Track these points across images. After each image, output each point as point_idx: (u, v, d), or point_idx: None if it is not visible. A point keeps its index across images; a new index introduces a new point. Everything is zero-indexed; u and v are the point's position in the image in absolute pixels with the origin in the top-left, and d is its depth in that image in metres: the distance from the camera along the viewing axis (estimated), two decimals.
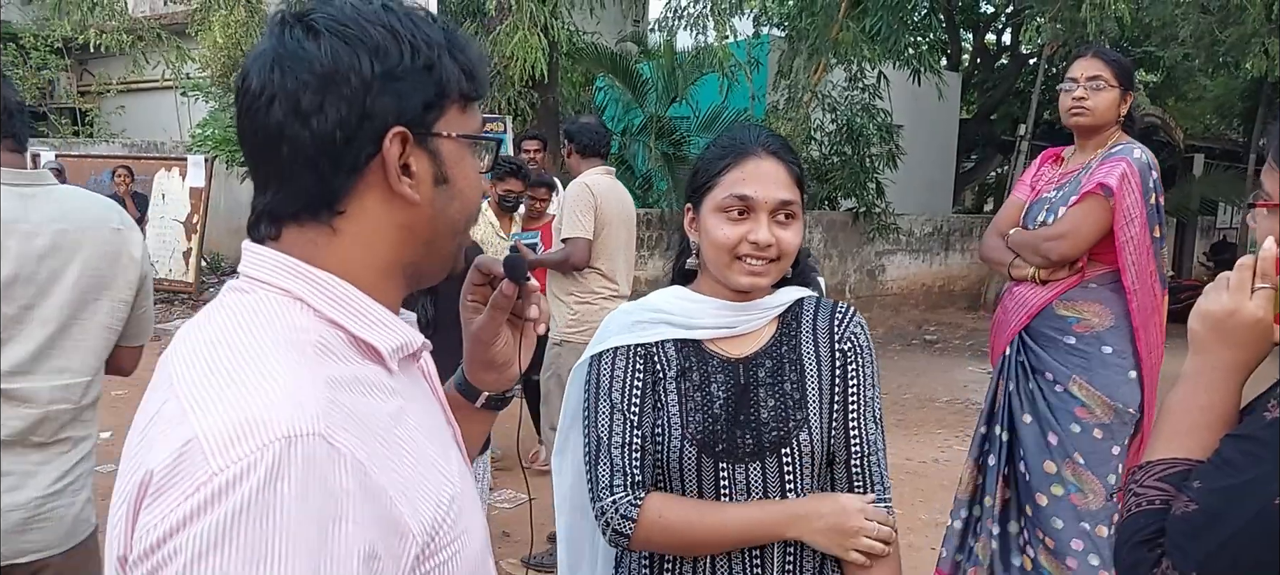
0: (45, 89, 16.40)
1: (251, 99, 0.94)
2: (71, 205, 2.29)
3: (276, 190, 0.97)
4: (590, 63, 12.10)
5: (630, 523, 1.66)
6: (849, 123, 12.42)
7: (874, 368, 1.79)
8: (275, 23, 0.97)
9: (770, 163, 1.69)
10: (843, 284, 13.37)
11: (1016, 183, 3.67)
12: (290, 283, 0.95)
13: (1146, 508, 1.22)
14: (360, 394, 0.91)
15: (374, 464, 0.86)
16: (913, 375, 9.53)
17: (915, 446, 6.89)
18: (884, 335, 11.99)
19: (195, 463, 0.78)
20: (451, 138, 1.00)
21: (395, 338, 0.99)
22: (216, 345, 0.89)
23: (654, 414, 1.71)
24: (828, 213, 13.28)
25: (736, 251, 1.68)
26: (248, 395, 0.82)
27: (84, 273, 2.26)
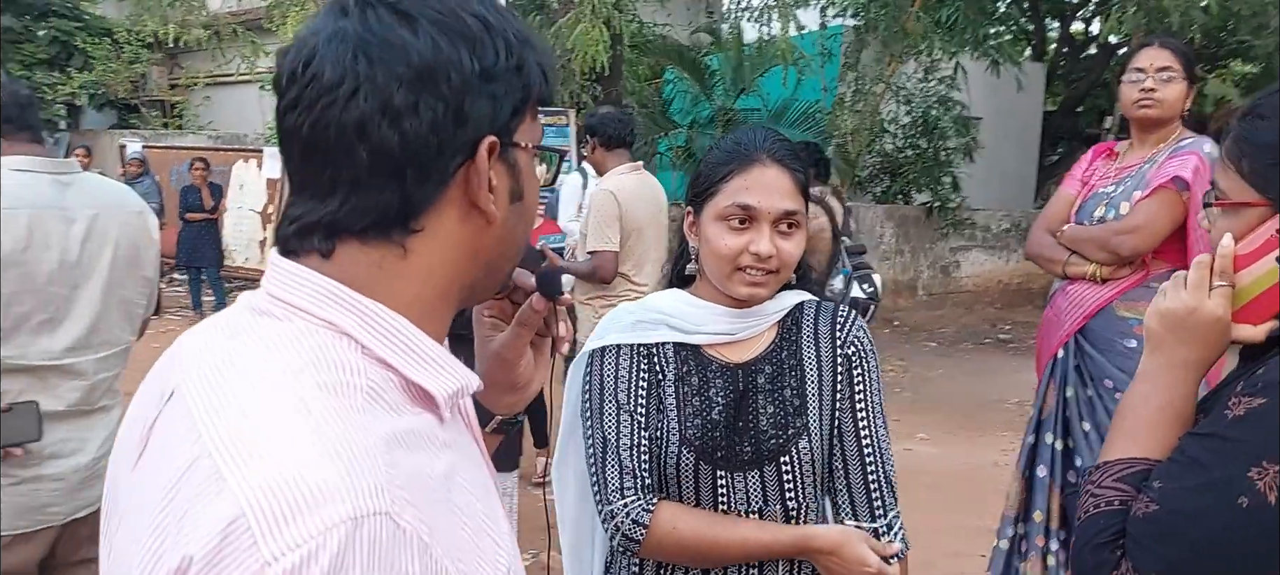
0: (137, 82, 16.96)
1: (323, 89, 0.79)
2: (100, 191, 2.50)
3: (343, 200, 0.81)
4: (657, 54, 12.04)
5: (641, 529, 1.62)
6: (924, 115, 12.16)
7: (878, 372, 1.75)
8: (353, 2, 0.82)
9: (775, 171, 1.64)
10: (915, 280, 13.11)
11: (1065, 177, 3.51)
12: (336, 314, 0.80)
13: (1105, 508, 1.19)
14: (416, 452, 0.78)
15: (435, 540, 0.74)
16: (982, 376, 9.30)
17: (976, 450, 6.71)
18: (955, 333, 11.73)
19: (243, 547, 0.65)
20: (527, 148, 0.89)
21: (452, 381, 0.86)
22: (253, 388, 0.75)
23: (657, 416, 1.68)
24: (900, 207, 13.04)
25: (737, 262, 1.63)
26: (299, 458, 0.69)
27: (117, 254, 2.47)
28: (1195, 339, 1.24)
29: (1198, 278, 1.24)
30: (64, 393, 2.38)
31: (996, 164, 13.96)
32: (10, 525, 2.33)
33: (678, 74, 12.40)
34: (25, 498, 2.34)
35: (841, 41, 12.12)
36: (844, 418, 1.69)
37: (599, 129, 4.64)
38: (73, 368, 2.40)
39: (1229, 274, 1.22)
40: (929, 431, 7.21)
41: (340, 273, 0.83)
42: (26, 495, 2.35)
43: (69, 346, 2.38)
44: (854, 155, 10.99)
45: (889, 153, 12.97)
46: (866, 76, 10.69)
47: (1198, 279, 1.24)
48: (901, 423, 7.40)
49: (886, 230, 12.72)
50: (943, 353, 10.61)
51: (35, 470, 2.35)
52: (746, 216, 1.63)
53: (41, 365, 2.34)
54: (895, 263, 12.85)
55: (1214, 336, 1.23)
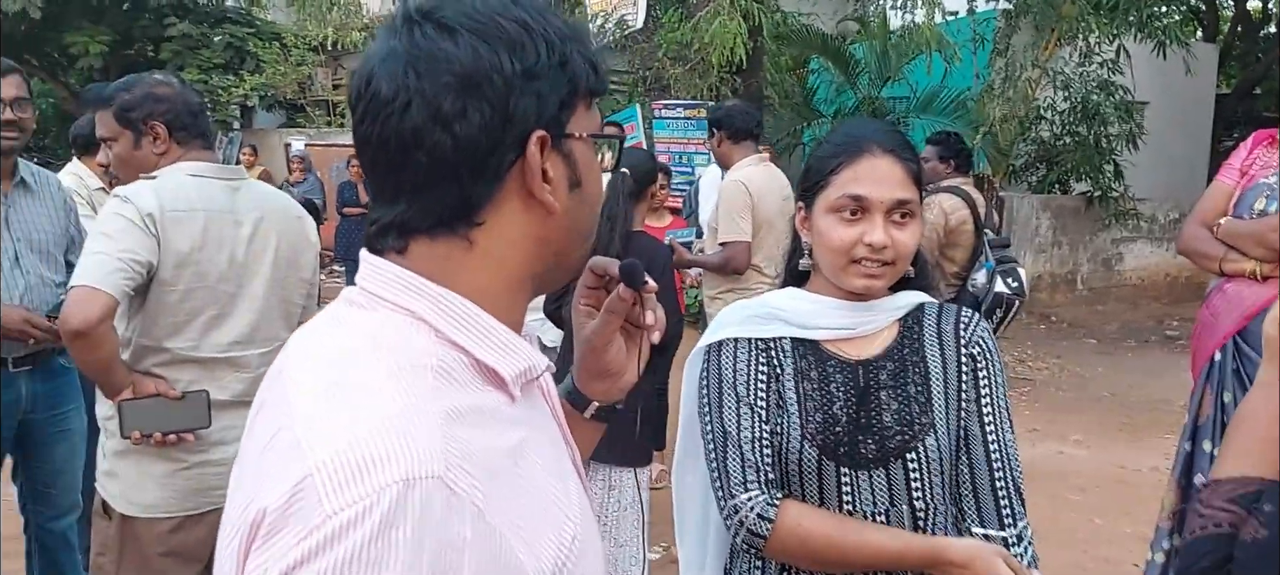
0: (304, 84, 17.81)
1: (382, 105, 0.87)
2: (263, 196, 2.66)
3: (410, 202, 0.89)
4: (799, 45, 11.89)
5: (767, 524, 1.58)
6: (1083, 101, 11.62)
7: (1003, 374, 1.69)
8: (400, 21, 0.90)
9: (886, 160, 1.61)
10: (1073, 273, 12.55)
11: (1223, 167, 3.29)
12: (412, 301, 0.88)
13: (1213, 531, 1.10)
14: (480, 427, 0.84)
15: (492, 507, 0.80)
16: (1146, 375, 8.84)
17: (1134, 453, 6.39)
18: (1118, 330, 11.19)
19: (309, 503, 0.74)
20: (583, 138, 0.94)
21: (519, 362, 0.92)
22: (334, 368, 0.84)
23: (777, 410, 1.65)
24: (1057, 197, 12.50)
25: (851, 254, 1.61)
26: (365, 429, 0.77)
27: (279, 255, 2.62)
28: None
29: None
30: (229, 384, 2.52)
31: (1163, 151, 13.21)
32: (182, 507, 2.49)
33: (822, 64, 12.23)
34: (194, 481, 2.50)
35: (994, 27, 11.71)
36: (970, 420, 1.64)
37: (726, 122, 4.61)
38: (238, 361, 2.54)
39: None
40: (1084, 433, 6.91)
41: (415, 265, 0.90)
42: (195, 479, 2.50)
43: (235, 341, 2.52)
44: (1005, 144, 10.58)
45: (1045, 141, 12.43)
46: (1017, 62, 10.26)
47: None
48: (1055, 423, 7.12)
49: (1042, 221, 12.22)
50: (1102, 350, 10.14)
51: (203, 456, 2.50)
52: (858, 207, 1.60)
53: (210, 358, 2.50)
54: (1052, 255, 12.34)
55: None
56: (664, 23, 9.41)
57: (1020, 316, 10.69)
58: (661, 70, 9.47)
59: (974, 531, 1.62)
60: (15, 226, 3.08)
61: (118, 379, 2.39)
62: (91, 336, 2.26)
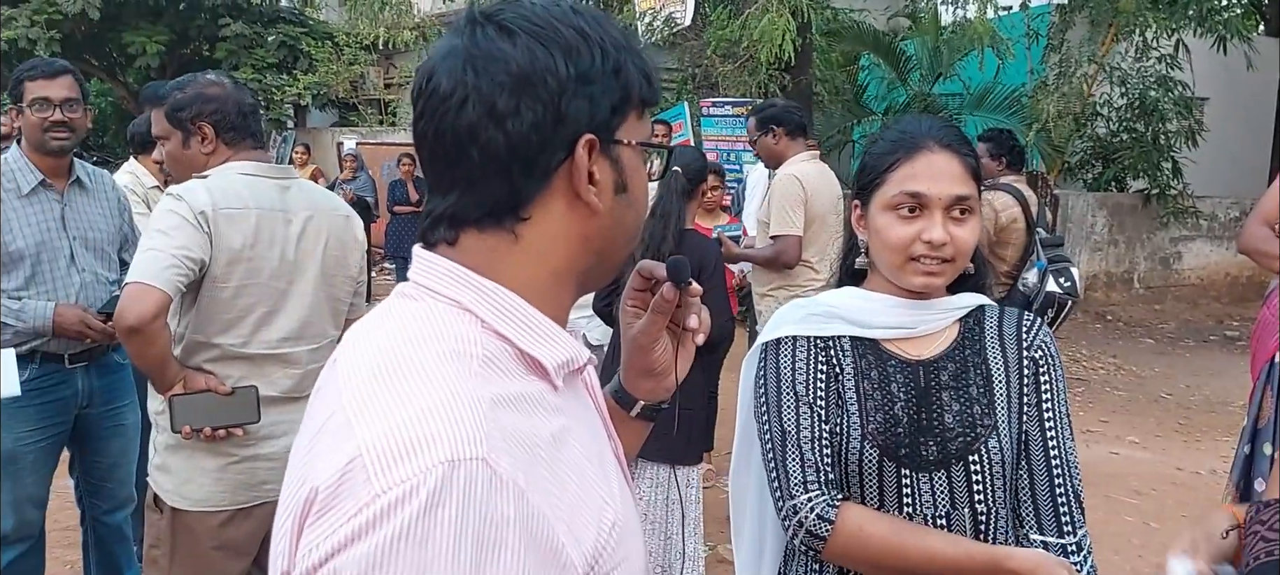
0: (356, 83, 18.00)
1: (440, 100, 0.91)
2: (312, 196, 2.69)
3: (461, 194, 0.93)
4: (849, 41, 11.78)
5: (827, 525, 1.55)
6: (1141, 97, 11.40)
7: (1064, 380, 1.66)
8: (464, 22, 0.94)
9: (943, 156, 1.58)
10: (1130, 272, 12.31)
11: None
12: (459, 293, 0.92)
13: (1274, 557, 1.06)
14: (524, 413, 0.87)
15: (535, 489, 0.82)
16: (1206, 375, 8.66)
17: (1192, 455, 6.25)
18: (1176, 329, 10.96)
19: (358, 482, 0.78)
20: (632, 145, 0.97)
21: (561, 353, 0.95)
22: (384, 355, 0.88)
23: (837, 409, 1.62)
24: (1114, 194, 12.27)
25: (910, 252, 1.58)
26: (412, 412, 0.81)
27: (328, 253, 2.64)
28: None
29: None
30: (278, 380, 2.56)
31: (1224, 148, 12.90)
32: (232, 500, 2.53)
33: (873, 60, 12.11)
34: (243, 475, 2.53)
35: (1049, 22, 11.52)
36: (1030, 425, 1.61)
37: (783, 118, 4.60)
38: (287, 357, 2.57)
39: None
40: (1141, 434, 6.78)
41: (463, 258, 0.94)
42: (244, 473, 2.53)
43: (284, 337, 2.56)
44: (1060, 141, 10.40)
45: (1102, 137, 12.22)
46: (1071, 58, 10.08)
47: None
48: (1110, 423, 6.99)
49: (1098, 219, 12.01)
50: (1160, 350, 9.94)
51: (252, 450, 2.53)
52: (916, 204, 1.57)
53: (259, 354, 2.53)
54: (1108, 254, 12.12)
55: None
56: (712, 20, 9.38)
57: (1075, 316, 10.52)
58: (710, 68, 9.44)
59: (1032, 539, 1.58)
60: (71, 225, 3.13)
61: (170, 374, 2.42)
62: (145, 332, 2.29)
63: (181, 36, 17.63)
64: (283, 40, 17.84)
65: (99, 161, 3.73)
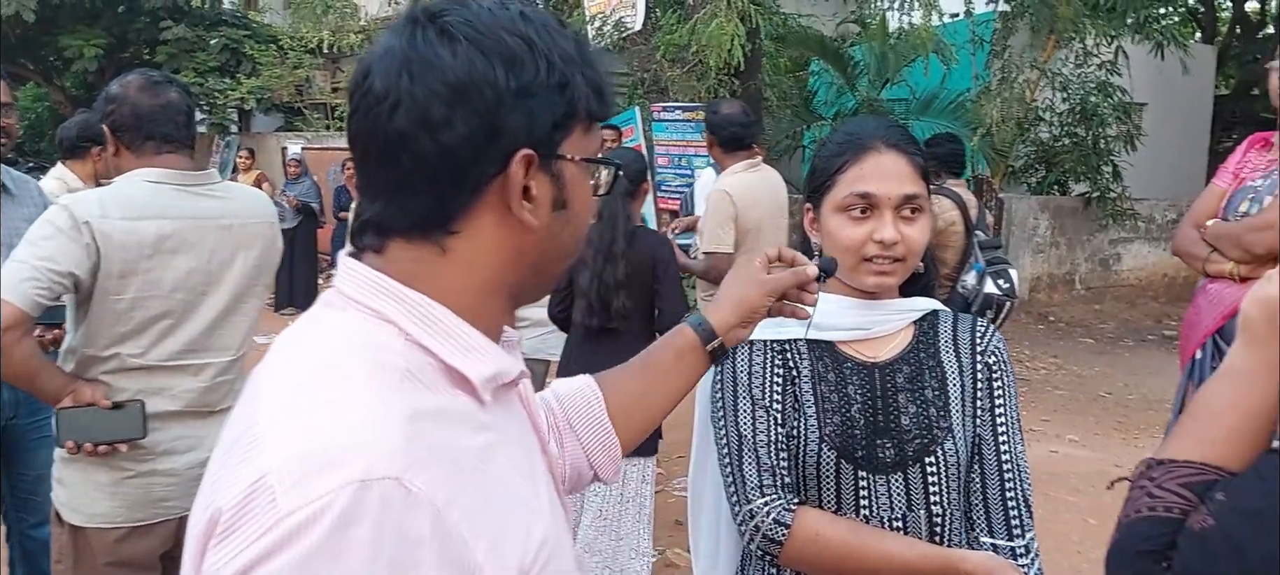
0: (301, 87, 17.78)
1: (374, 101, 0.87)
2: (231, 202, 2.56)
3: (389, 202, 0.90)
4: (798, 47, 11.87)
5: (784, 529, 1.54)
6: (1082, 102, 11.61)
7: (1015, 387, 1.68)
8: (405, 22, 0.90)
9: (892, 156, 1.59)
10: (1072, 274, 12.53)
11: (1218, 170, 3.32)
12: (382, 303, 0.89)
13: (1163, 514, 1.02)
14: (446, 428, 0.84)
15: (454, 508, 0.80)
16: (1144, 374, 8.83)
17: (1130, 452, 6.36)
18: (1115, 330, 11.17)
19: (264, 503, 0.74)
20: (575, 161, 0.94)
21: (489, 366, 0.91)
22: (301, 368, 0.86)
23: (794, 412, 1.62)
24: (1056, 198, 12.48)
25: (862, 252, 1.59)
26: (325, 429, 0.78)
27: (247, 262, 2.54)
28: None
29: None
30: (179, 393, 2.45)
31: (1162, 152, 13.20)
32: (129, 517, 2.42)
33: (822, 66, 12.21)
34: (139, 491, 2.42)
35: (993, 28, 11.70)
36: (984, 430, 1.62)
37: (718, 130, 4.48)
38: (190, 368, 2.46)
39: None
40: (1081, 432, 6.89)
41: (390, 267, 0.91)
42: (141, 489, 2.43)
43: (187, 348, 2.45)
44: (1003, 146, 10.57)
45: (1044, 142, 12.44)
46: (1014, 64, 10.25)
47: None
48: (1051, 422, 7.10)
49: (1041, 222, 12.21)
50: (1100, 349, 10.12)
51: (149, 465, 2.43)
52: (866, 205, 1.58)
53: (159, 365, 2.42)
54: (1050, 255, 12.32)
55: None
56: (662, 25, 9.39)
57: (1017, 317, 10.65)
58: (660, 72, 9.44)
59: (983, 542, 1.60)
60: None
61: (49, 387, 2.31)
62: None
63: (120, 40, 17.30)
64: (225, 44, 17.58)
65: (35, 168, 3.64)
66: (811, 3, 12.11)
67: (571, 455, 1.32)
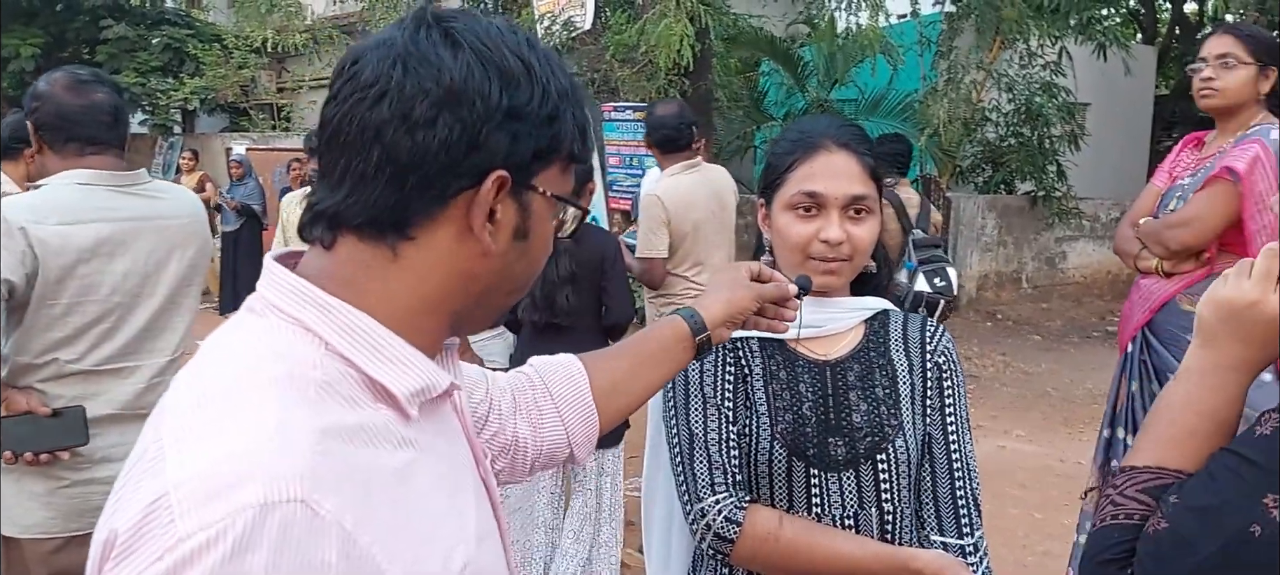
0: (246, 87, 17.52)
1: (358, 88, 0.85)
2: (161, 202, 2.52)
3: (350, 192, 0.86)
4: (748, 47, 11.91)
5: (735, 527, 1.54)
6: (1027, 102, 11.78)
7: (965, 387, 1.70)
8: (412, 20, 0.88)
9: (841, 156, 1.59)
10: (1018, 272, 12.71)
11: (1157, 169, 3.43)
12: (302, 311, 0.85)
13: (1124, 521, 1.06)
14: (362, 445, 0.81)
15: (364, 530, 0.76)
16: (1089, 370, 8.98)
17: (1074, 447, 6.47)
18: (1062, 326, 11.34)
19: (161, 524, 0.71)
20: (546, 195, 0.92)
21: (414, 380, 0.88)
22: (211, 380, 0.82)
23: (745, 411, 1.62)
24: (1003, 197, 12.65)
25: (809, 250, 1.59)
26: (229, 447, 0.74)
27: (182, 262, 2.50)
28: (1252, 336, 1.07)
29: (1266, 268, 1.08)
30: (116, 396, 2.41)
31: (1105, 151, 13.44)
32: (65, 527, 2.37)
33: (772, 66, 12.26)
34: (76, 500, 2.37)
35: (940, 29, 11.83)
36: (934, 429, 1.64)
37: (651, 132, 4.40)
38: (126, 370, 2.43)
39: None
40: (1027, 428, 6.99)
41: (334, 266, 0.88)
42: (77, 498, 2.37)
43: (124, 351, 2.41)
44: (950, 146, 10.69)
45: (991, 142, 12.60)
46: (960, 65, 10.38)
47: (1265, 269, 1.08)
48: (998, 419, 7.19)
49: (988, 221, 12.36)
50: (1047, 347, 10.28)
51: (86, 474, 2.38)
52: (814, 203, 1.58)
53: (94, 370, 2.37)
54: (997, 254, 12.49)
55: (1268, 337, 1.07)
56: (611, 25, 9.37)
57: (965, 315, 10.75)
58: (610, 72, 9.41)
59: (933, 540, 1.61)
60: None
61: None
62: None
63: (59, 39, 16.93)
64: (168, 43, 17.29)
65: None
66: (761, 4, 12.16)
67: (550, 434, 1.31)
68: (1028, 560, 4.64)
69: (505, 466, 1.29)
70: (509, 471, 1.30)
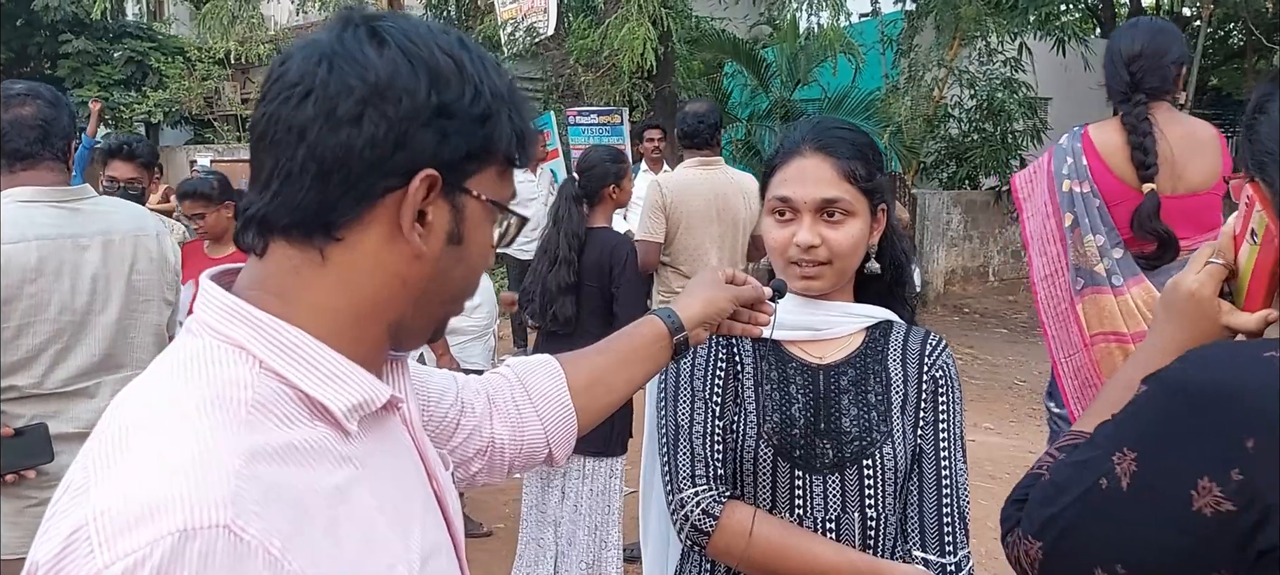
0: (211, 98, 17.39)
1: (283, 86, 0.84)
2: (112, 214, 2.48)
3: (276, 194, 0.84)
4: (712, 49, 11.98)
5: (712, 520, 1.55)
6: (989, 98, 11.91)
7: (962, 405, 1.69)
8: (339, 20, 0.87)
9: (814, 160, 1.60)
10: (985, 266, 12.84)
11: None
12: (235, 330, 0.83)
13: (1035, 470, 1.22)
14: (295, 465, 0.79)
15: (295, 554, 0.74)
16: None
17: (1042, 437, 6.42)
18: (1028, 319, 11.43)
19: (81, 556, 0.70)
20: (481, 199, 0.90)
21: (352, 394, 0.86)
22: (137, 406, 0.80)
23: (734, 407, 1.63)
24: (967, 192, 12.77)
25: (787, 255, 1.61)
26: (151, 473, 0.72)
27: (134, 276, 2.46)
28: (1181, 318, 1.21)
29: (1198, 257, 1.20)
30: (77, 414, 2.38)
31: None
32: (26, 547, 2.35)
33: (736, 67, 12.33)
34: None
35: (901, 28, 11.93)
36: (925, 442, 1.63)
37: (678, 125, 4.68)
38: (86, 391, 2.39)
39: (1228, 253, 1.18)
40: (995, 420, 7.07)
41: (266, 275, 0.87)
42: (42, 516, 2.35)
43: (83, 371, 2.38)
44: (913, 142, 10.80)
45: (954, 138, 12.72)
46: (921, 63, 10.49)
47: (1198, 258, 1.20)
48: (967, 411, 7.18)
49: (953, 216, 12.48)
50: (1013, 339, 10.38)
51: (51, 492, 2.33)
52: (788, 208, 1.60)
53: (56, 392, 2.35)
54: (963, 249, 12.61)
55: (1192, 314, 1.19)
56: (574, 29, 9.40)
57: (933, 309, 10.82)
58: (574, 77, 9.45)
59: (915, 555, 1.60)
60: None
61: None
62: None
63: (20, 54, 16.73)
64: (130, 56, 17.10)
65: None
66: (723, 6, 12.23)
67: (530, 434, 1.30)
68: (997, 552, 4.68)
69: (483, 468, 1.28)
70: (487, 473, 1.30)
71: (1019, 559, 1.15)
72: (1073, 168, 2.99)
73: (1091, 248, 2.93)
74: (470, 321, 4.51)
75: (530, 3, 9.34)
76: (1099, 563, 1.05)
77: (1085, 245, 2.93)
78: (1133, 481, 1.02)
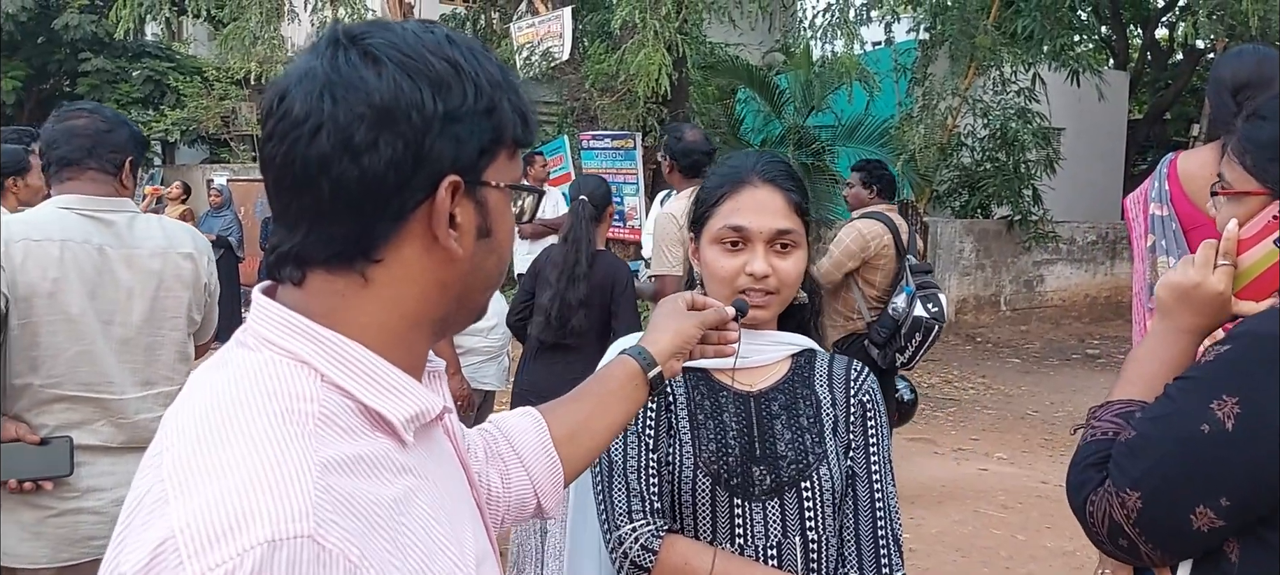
0: (227, 118, 17.49)
1: (292, 125, 0.83)
2: (147, 234, 2.53)
3: (308, 231, 0.85)
4: (726, 75, 12.03)
5: (651, 556, 1.56)
6: (1002, 128, 11.92)
7: (889, 430, 1.73)
8: (326, 43, 0.86)
9: (766, 191, 1.62)
10: (997, 295, 12.82)
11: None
12: (295, 344, 0.85)
13: (1100, 437, 1.38)
14: (362, 476, 0.81)
15: (370, 561, 0.77)
16: (1068, 392, 9.05)
17: (1056, 469, 6.50)
18: (1041, 349, 11.43)
19: (170, 566, 0.71)
20: (500, 188, 0.92)
21: (410, 406, 0.88)
22: (208, 418, 0.81)
23: (667, 439, 1.64)
24: (980, 221, 12.77)
25: (735, 284, 1.62)
26: (232, 485, 0.74)
27: (160, 294, 2.51)
28: (1199, 310, 1.43)
29: (1204, 257, 1.43)
30: (100, 429, 2.41)
31: (1080, 175, 13.60)
32: (54, 558, 2.37)
33: (749, 93, 12.38)
34: (65, 530, 2.38)
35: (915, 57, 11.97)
36: (857, 466, 1.66)
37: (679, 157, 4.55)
38: (109, 403, 2.43)
39: (1232, 255, 1.41)
40: (1009, 450, 7.03)
41: (309, 301, 0.88)
42: (66, 527, 2.38)
43: (104, 380, 2.42)
44: (927, 170, 10.80)
45: (967, 167, 12.73)
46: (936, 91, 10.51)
47: (1204, 258, 1.43)
48: (980, 441, 7.23)
49: (966, 245, 12.47)
50: (1026, 369, 10.35)
51: (75, 503, 2.38)
52: (739, 238, 1.61)
53: (77, 396, 2.38)
54: (976, 278, 12.59)
55: (1214, 308, 1.42)
56: (590, 55, 9.45)
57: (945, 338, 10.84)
58: (589, 101, 9.49)
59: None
60: None
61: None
62: None
63: (40, 72, 16.92)
64: (148, 75, 17.26)
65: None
66: (738, 32, 12.27)
67: (517, 488, 1.31)
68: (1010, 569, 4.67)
69: None
70: None
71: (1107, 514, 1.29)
72: (1158, 191, 3.07)
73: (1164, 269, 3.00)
74: (485, 342, 4.53)
75: (546, 27, 9.41)
76: (1203, 500, 1.22)
77: (1160, 267, 3.00)
78: (1238, 423, 1.21)
